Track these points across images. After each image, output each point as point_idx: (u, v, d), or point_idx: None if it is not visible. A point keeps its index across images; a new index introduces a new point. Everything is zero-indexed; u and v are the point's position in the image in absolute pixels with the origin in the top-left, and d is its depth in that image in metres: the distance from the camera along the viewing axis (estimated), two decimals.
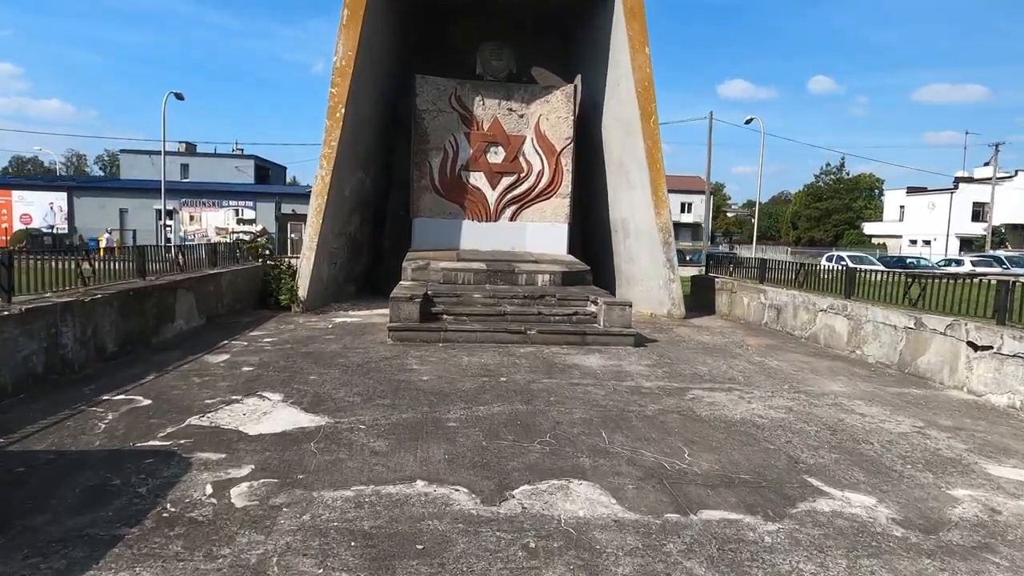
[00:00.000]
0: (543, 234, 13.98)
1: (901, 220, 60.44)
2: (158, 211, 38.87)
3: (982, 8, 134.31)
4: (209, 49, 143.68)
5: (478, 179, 13.77)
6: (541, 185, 13.92)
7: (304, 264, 12.01)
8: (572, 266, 12.26)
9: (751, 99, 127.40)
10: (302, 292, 11.95)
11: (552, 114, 13.81)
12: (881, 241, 59.97)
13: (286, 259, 14.43)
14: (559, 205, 13.95)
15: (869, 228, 63.96)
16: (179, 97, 31.75)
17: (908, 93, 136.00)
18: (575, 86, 13.99)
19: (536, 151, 13.83)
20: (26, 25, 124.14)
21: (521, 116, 13.80)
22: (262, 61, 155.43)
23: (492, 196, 13.85)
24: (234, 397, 6.20)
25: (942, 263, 36.23)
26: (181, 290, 9.47)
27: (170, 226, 42.70)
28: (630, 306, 9.59)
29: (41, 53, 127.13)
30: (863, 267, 30.90)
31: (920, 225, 57.58)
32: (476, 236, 13.90)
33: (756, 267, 13.10)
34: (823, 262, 35.65)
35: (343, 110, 11.99)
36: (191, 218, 43.14)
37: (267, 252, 13.25)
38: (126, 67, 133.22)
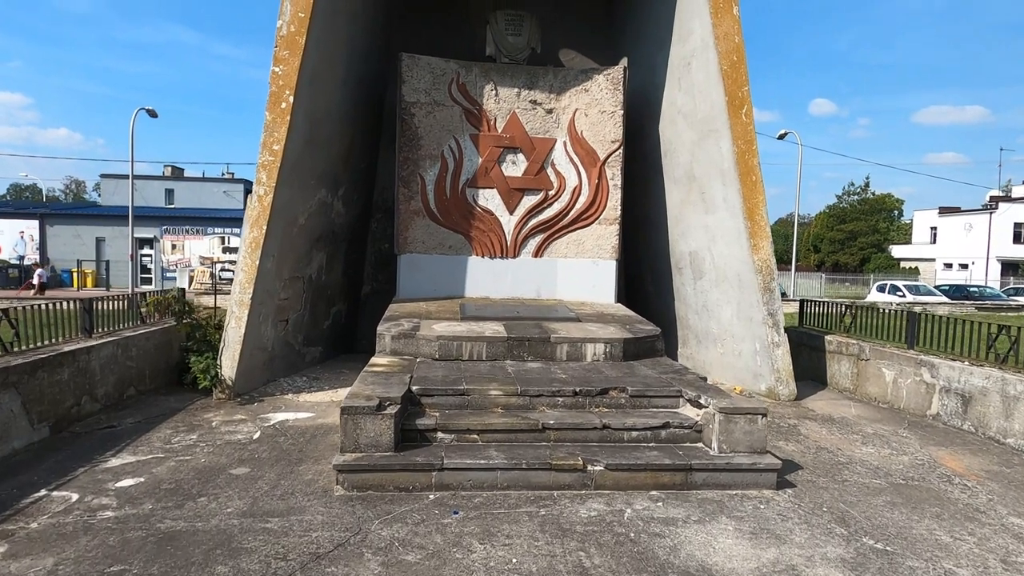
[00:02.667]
0: (581, 275, 9.99)
1: (933, 242, 56.52)
2: (139, 239, 35.47)
3: (983, 28, 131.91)
4: (214, 77, 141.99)
5: (490, 199, 9.84)
6: (578, 207, 9.97)
7: (232, 328, 7.97)
8: (634, 327, 8.18)
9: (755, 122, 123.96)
10: (227, 370, 7.91)
11: (593, 108, 9.90)
12: (912, 265, 55.98)
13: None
14: (604, 234, 9.98)
15: (898, 251, 59.96)
16: (152, 114, 28.24)
17: (909, 115, 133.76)
18: (623, 68, 10.06)
19: (571, 159, 9.91)
20: (35, 56, 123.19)
21: (549, 111, 9.90)
22: (262, 88, 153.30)
23: (509, 223, 9.91)
24: None
25: (1010, 291, 32.19)
26: None
27: (149, 256, 39.04)
28: (763, 416, 5.51)
29: (50, 84, 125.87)
30: (928, 299, 26.89)
31: (955, 248, 53.70)
32: (487, 278, 9.92)
33: (893, 319, 9.03)
34: (874, 292, 31.79)
35: (291, 99, 8.07)
36: (173, 247, 39.57)
37: (187, 308, 9.19)
38: (133, 96, 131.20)
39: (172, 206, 43.53)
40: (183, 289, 11.14)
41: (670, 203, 10.38)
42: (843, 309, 10.07)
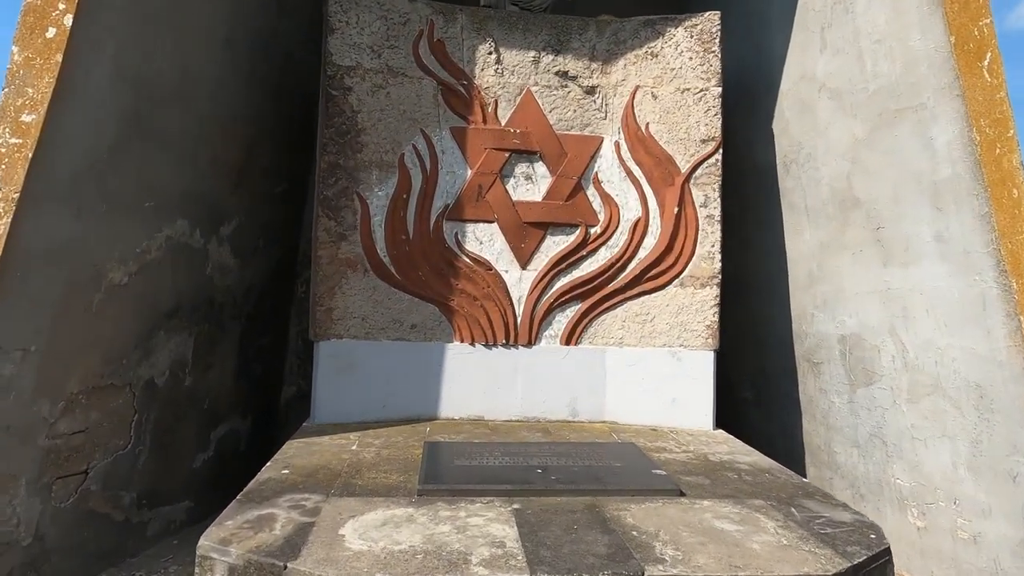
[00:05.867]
0: (650, 377, 5.53)
1: None
2: None
3: None
4: None
5: (486, 241, 5.53)
6: (643, 255, 5.61)
7: None
8: (820, 521, 3.52)
9: None
10: None
11: (667, 84, 5.70)
12: None
13: None
14: (690, 303, 5.57)
15: None
16: None
17: None
18: (717, 18, 5.80)
19: (628, 173, 5.64)
20: None
21: (590, 91, 5.69)
22: None
23: (521, 283, 5.56)
24: None
25: None
26: None
27: None
28: None
29: None
30: None
31: None
32: (480, 384, 5.46)
33: None
34: None
35: (67, 24, 3.84)
36: None
37: None
38: None
39: None
40: None
41: (795, 251, 6.03)
42: None
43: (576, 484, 3.77)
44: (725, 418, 5.89)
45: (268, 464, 4.14)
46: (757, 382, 6.89)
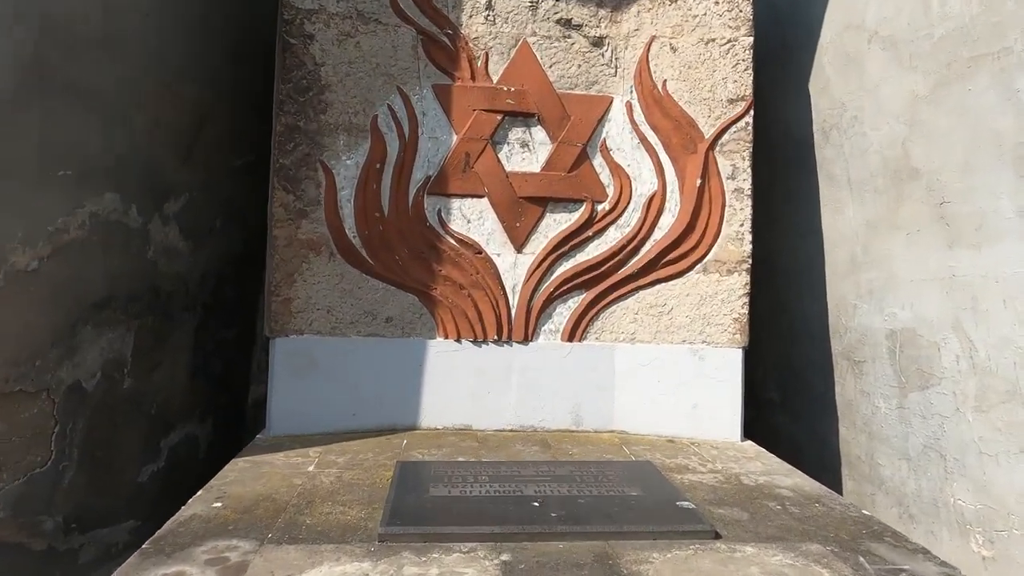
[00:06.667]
0: (667, 378, 4.72)
1: None
2: None
3: None
4: None
5: (474, 219, 4.70)
6: (658, 235, 4.76)
7: None
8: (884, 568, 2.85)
9: None
10: None
11: (687, 34, 4.82)
12: None
13: None
14: (715, 291, 4.70)
15: None
16: None
17: None
18: None
19: (642, 139, 4.78)
20: None
21: (597, 42, 4.83)
22: None
23: (516, 268, 4.74)
24: None
25: None
26: None
27: None
28: None
29: None
30: None
31: None
32: (466, 386, 4.66)
33: None
34: None
35: None
36: None
37: None
38: None
39: None
40: None
41: (834, 231, 5.19)
42: None
43: (583, 524, 2.97)
44: (745, 420, 5.07)
45: (199, 493, 3.35)
46: (784, 381, 6.08)
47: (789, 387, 5.98)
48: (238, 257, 6.14)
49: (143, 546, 2.72)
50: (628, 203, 4.79)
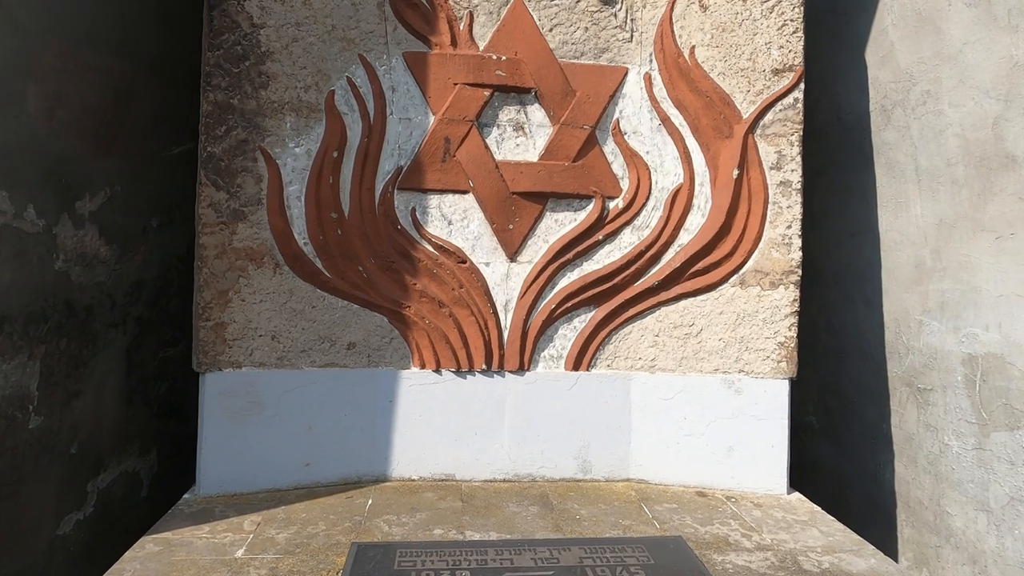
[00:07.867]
0: (694, 416, 3.86)
1: None
2: None
3: None
4: None
5: (456, 221, 3.79)
6: (684, 238, 3.90)
7: None
8: None
9: None
10: None
11: None
12: None
13: None
14: (754, 309, 3.81)
15: None
16: None
17: None
18: None
19: (664, 119, 3.87)
20: None
21: (602, 4, 3.90)
22: None
23: (509, 282, 3.84)
24: None
25: None
26: None
27: None
28: None
29: None
30: None
31: None
32: (449, 429, 3.78)
33: None
34: None
35: None
36: None
37: None
38: None
39: None
40: None
41: (895, 230, 4.29)
42: None
43: None
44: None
45: None
46: (826, 404, 5.20)
47: (833, 412, 5.10)
48: (181, 260, 5.21)
49: None
50: (647, 199, 3.87)
